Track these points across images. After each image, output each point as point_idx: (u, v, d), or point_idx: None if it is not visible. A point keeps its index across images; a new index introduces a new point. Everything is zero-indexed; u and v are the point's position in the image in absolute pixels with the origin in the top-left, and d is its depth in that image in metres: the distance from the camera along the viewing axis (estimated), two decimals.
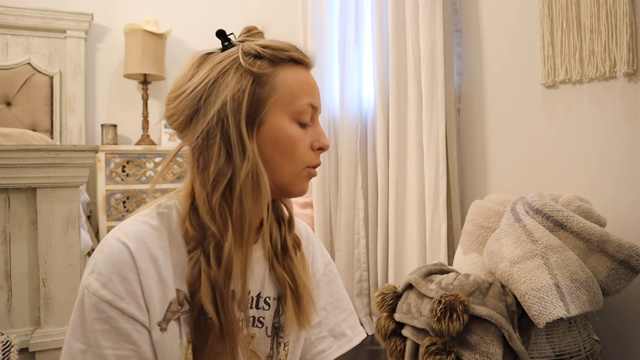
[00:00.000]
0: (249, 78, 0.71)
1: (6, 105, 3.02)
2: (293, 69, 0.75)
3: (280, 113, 0.73)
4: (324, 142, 0.77)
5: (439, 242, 2.08)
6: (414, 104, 2.20)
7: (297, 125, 0.74)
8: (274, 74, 0.73)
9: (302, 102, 0.74)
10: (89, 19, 3.19)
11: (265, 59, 0.73)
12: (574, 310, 1.26)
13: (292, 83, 0.74)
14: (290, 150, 0.73)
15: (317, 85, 0.78)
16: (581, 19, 1.68)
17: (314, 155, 0.77)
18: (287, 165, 0.74)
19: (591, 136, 1.70)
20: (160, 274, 0.68)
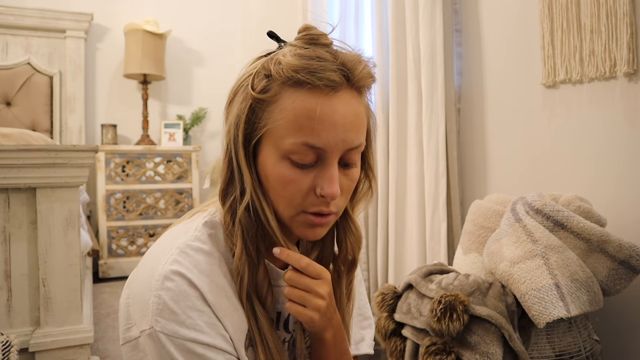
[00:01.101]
0: (249, 102, 0.63)
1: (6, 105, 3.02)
2: (299, 96, 0.61)
3: (272, 147, 0.63)
4: (327, 190, 0.62)
5: (439, 242, 2.08)
6: (414, 104, 2.20)
7: (291, 164, 0.62)
8: (275, 99, 0.62)
9: (292, 140, 0.61)
10: (88, 18, 3.19)
11: (274, 80, 0.62)
12: (574, 310, 1.26)
13: (288, 114, 0.61)
14: (278, 190, 0.64)
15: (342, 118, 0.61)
16: (581, 18, 1.68)
17: (315, 201, 0.63)
18: (279, 203, 0.65)
19: (591, 136, 1.70)
20: (232, 303, 0.65)
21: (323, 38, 0.65)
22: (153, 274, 0.61)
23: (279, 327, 0.75)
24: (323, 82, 0.60)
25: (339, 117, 0.61)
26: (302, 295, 0.66)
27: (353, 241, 0.74)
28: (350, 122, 0.62)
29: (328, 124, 0.60)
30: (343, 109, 0.61)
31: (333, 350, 0.71)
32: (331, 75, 0.61)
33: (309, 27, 0.67)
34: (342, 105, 0.61)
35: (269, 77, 0.63)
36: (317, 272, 0.67)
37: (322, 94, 0.60)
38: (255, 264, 0.66)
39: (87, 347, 1.37)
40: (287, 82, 0.61)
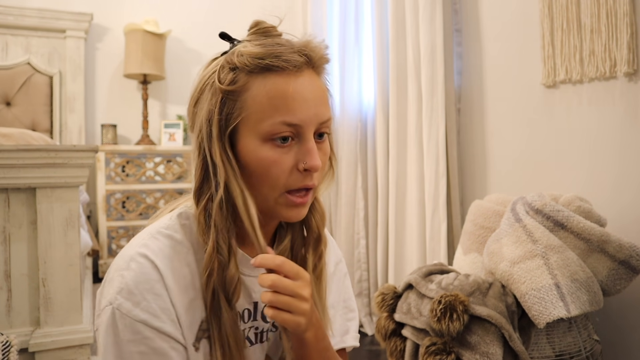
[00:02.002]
0: (219, 96, 0.66)
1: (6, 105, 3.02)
2: (268, 80, 0.65)
3: (250, 134, 0.65)
4: (310, 163, 0.66)
5: (439, 242, 2.08)
6: (414, 104, 2.20)
7: (272, 146, 0.65)
8: (245, 89, 0.65)
9: (271, 121, 0.64)
10: (88, 18, 3.19)
11: (240, 70, 0.65)
12: (574, 310, 1.26)
13: (262, 99, 0.64)
14: (262, 174, 0.66)
15: (308, 95, 0.66)
16: (581, 18, 1.68)
17: (299, 177, 0.66)
18: (263, 189, 0.67)
19: (591, 136, 1.70)
20: (189, 292, 0.67)
21: (274, 30, 0.70)
22: (123, 256, 0.66)
23: (256, 318, 0.75)
24: (289, 63, 0.65)
25: (308, 94, 0.66)
26: (287, 301, 0.64)
27: (318, 218, 0.76)
28: (319, 97, 0.67)
29: (301, 100, 0.65)
30: (309, 86, 0.66)
31: (315, 349, 0.71)
32: (294, 57, 0.65)
33: (260, 22, 0.71)
34: (308, 83, 0.66)
35: (234, 69, 0.66)
36: (294, 271, 0.65)
37: (290, 75, 0.65)
38: (225, 261, 0.67)
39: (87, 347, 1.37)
40: (255, 70, 0.65)
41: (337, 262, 0.87)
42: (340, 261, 0.88)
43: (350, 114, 2.55)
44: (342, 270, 0.87)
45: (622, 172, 1.61)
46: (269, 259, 0.65)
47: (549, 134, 1.83)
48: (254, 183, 0.67)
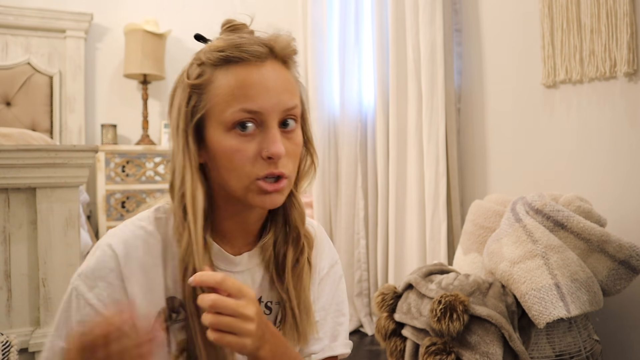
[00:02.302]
0: (187, 91, 0.69)
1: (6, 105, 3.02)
2: (229, 71, 0.67)
3: (215, 124, 0.67)
4: (272, 150, 0.66)
5: (439, 242, 2.08)
6: (414, 104, 2.20)
7: (235, 135, 0.67)
8: (209, 81, 0.68)
9: (232, 109, 0.66)
10: (88, 18, 3.19)
11: (206, 65, 0.68)
12: (574, 310, 1.26)
13: (224, 89, 0.67)
14: (228, 164, 0.67)
15: (267, 83, 0.67)
16: (581, 18, 1.68)
17: (264, 165, 0.67)
18: (232, 179, 0.68)
19: (591, 136, 1.70)
20: (148, 283, 0.69)
21: (244, 27, 0.73)
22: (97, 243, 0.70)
23: None
24: (250, 54, 0.67)
25: (269, 82, 0.67)
26: (230, 322, 0.61)
27: (297, 216, 0.76)
28: (281, 85, 0.68)
29: (261, 88, 0.66)
30: (272, 75, 0.68)
31: None
32: (256, 48, 0.67)
33: (230, 20, 0.74)
34: (270, 73, 0.68)
35: (201, 64, 0.69)
36: (236, 288, 0.62)
37: (251, 65, 0.67)
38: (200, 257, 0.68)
39: None
40: (218, 64, 0.67)
41: (332, 264, 0.86)
42: (336, 263, 0.87)
43: (350, 114, 2.55)
44: (337, 273, 0.86)
45: (622, 172, 1.61)
46: (207, 276, 0.62)
47: (549, 134, 1.83)
48: (224, 175, 0.69)
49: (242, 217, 0.74)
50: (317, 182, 2.63)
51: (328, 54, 2.66)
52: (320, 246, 0.84)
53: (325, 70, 2.66)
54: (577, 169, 1.74)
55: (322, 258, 0.84)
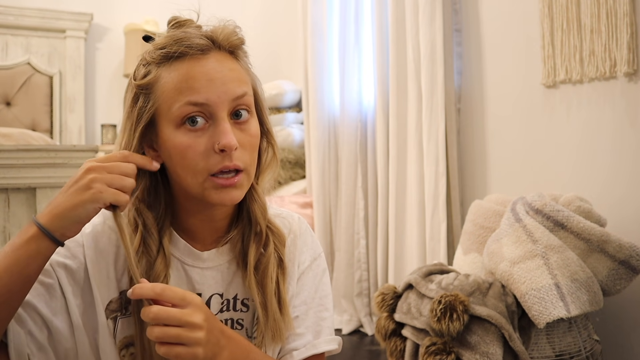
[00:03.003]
0: (133, 91, 0.68)
1: (6, 105, 3.02)
2: (173, 67, 0.66)
3: (164, 122, 0.67)
4: (223, 142, 0.64)
5: (439, 242, 2.08)
6: (414, 104, 2.20)
7: (185, 131, 0.66)
8: (155, 80, 0.67)
9: (178, 105, 0.65)
10: (88, 18, 3.19)
11: (150, 64, 0.68)
12: (574, 310, 1.26)
13: (168, 85, 0.66)
14: (181, 160, 0.66)
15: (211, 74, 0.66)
16: (581, 18, 1.68)
17: (217, 159, 0.66)
18: (187, 177, 0.67)
19: (591, 136, 1.70)
20: (108, 270, 0.70)
21: (189, 22, 0.72)
22: None
23: None
24: (190, 47, 0.66)
25: (213, 73, 0.66)
26: (177, 333, 0.58)
27: (257, 210, 0.75)
28: (227, 75, 0.67)
29: (204, 80, 0.65)
30: (216, 65, 0.66)
31: None
32: (197, 40, 0.66)
33: (175, 17, 0.73)
34: (214, 64, 0.66)
35: (146, 64, 0.68)
36: (179, 297, 0.60)
37: (193, 59, 0.66)
38: (152, 261, 0.69)
39: None
40: (161, 61, 0.67)
41: (314, 258, 0.82)
42: (319, 257, 0.83)
43: (350, 114, 2.55)
44: (320, 266, 0.82)
45: (622, 171, 1.61)
46: (146, 288, 0.60)
47: (549, 134, 1.83)
48: (179, 173, 0.68)
49: (207, 215, 0.73)
50: (317, 182, 2.63)
51: (328, 54, 2.66)
52: (300, 239, 0.82)
53: (325, 70, 2.66)
54: (577, 169, 1.74)
55: (303, 252, 0.81)
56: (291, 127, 2.92)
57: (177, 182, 0.70)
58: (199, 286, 0.74)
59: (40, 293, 0.67)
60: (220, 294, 0.75)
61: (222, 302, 0.76)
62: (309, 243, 0.83)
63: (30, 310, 0.66)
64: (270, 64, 3.20)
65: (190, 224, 0.74)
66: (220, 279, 0.76)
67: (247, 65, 0.73)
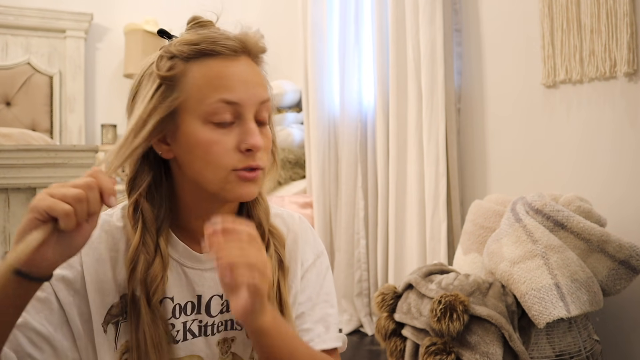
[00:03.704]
0: (157, 83, 0.68)
1: (6, 105, 3.02)
2: (204, 64, 0.67)
3: (191, 116, 0.67)
4: (251, 142, 0.67)
5: (439, 242, 2.08)
6: (414, 104, 2.20)
7: (212, 127, 0.67)
8: (182, 74, 0.67)
9: (210, 100, 0.66)
10: (88, 19, 3.19)
11: (178, 58, 0.68)
12: (574, 310, 1.26)
13: (200, 81, 0.67)
14: (205, 156, 0.67)
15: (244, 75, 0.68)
16: (581, 18, 1.68)
17: (242, 158, 0.67)
18: (208, 172, 0.67)
19: (591, 136, 1.70)
20: (106, 275, 0.69)
21: (210, 24, 0.73)
22: None
23: (200, 311, 0.74)
24: (225, 48, 0.68)
25: (246, 75, 0.68)
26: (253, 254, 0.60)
27: (261, 212, 0.76)
28: (256, 79, 0.70)
29: (238, 80, 0.67)
30: (247, 68, 0.69)
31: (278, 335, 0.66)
32: (230, 42, 0.68)
33: (197, 17, 0.74)
34: (245, 66, 0.69)
35: (172, 57, 0.68)
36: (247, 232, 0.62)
37: (226, 59, 0.68)
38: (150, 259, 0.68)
39: None
40: (192, 56, 0.67)
41: (318, 255, 0.83)
42: (322, 254, 0.84)
43: (350, 114, 2.55)
44: (323, 264, 0.83)
45: (622, 171, 1.62)
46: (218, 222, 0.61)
47: (549, 134, 1.83)
48: (198, 167, 0.68)
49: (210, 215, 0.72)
50: (317, 182, 2.63)
51: (328, 54, 2.66)
52: (301, 238, 0.82)
53: (325, 70, 2.66)
54: (577, 169, 1.74)
55: (305, 250, 0.82)
56: (291, 127, 2.92)
57: (190, 177, 0.70)
58: (198, 288, 0.74)
59: (38, 310, 0.66)
60: (220, 295, 0.75)
61: (222, 304, 0.76)
62: (310, 241, 0.83)
63: (27, 330, 0.65)
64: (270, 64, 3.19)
65: (191, 225, 0.74)
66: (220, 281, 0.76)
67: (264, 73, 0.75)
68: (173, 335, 0.72)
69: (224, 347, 0.76)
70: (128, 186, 0.72)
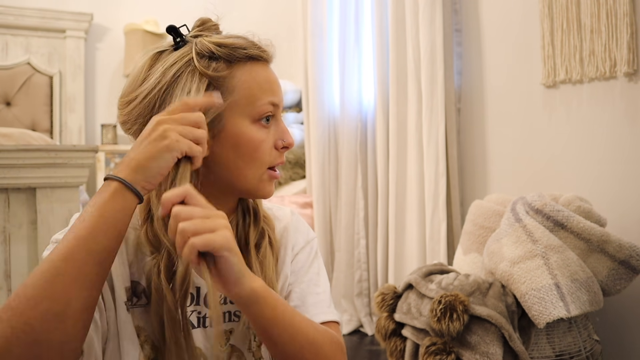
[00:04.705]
0: (205, 82, 0.69)
1: (6, 105, 3.02)
2: (251, 67, 0.72)
3: (240, 116, 0.70)
4: (288, 140, 0.75)
5: (439, 242, 2.08)
6: (414, 104, 2.20)
7: (260, 127, 0.72)
8: (230, 76, 0.70)
9: (262, 102, 0.71)
10: (88, 18, 3.19)
11: (220, 60, 0.70)
12: (574, 310, 1.26)
13: (251, 83, 0.71)
14: (252, 153, 0.71)
15: (277, 80, 0.76)
16: (581, 18, 1.68)
17: (277, 155, 0.74)
18: (250, 169, 0.71)
19: (591, 136, 1.70)
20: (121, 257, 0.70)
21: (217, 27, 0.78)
22: None
23: (199, 303, 0.75)
24: (266, 54, 0.74)
25: (277, 80, 0.76)
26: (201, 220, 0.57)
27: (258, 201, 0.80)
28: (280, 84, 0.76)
29: (276, 85, 0.75)
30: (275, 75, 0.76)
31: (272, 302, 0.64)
32: (267, 50, 0.75)
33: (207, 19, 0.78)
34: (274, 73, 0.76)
35: (216, 59, 0.70)
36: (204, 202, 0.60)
37: (265, 64, 0.74)
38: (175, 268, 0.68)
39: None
40: (237, 59, 0.71)
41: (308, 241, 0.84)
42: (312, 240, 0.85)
43: (350, 114, 2.55)
44: (313, 248, 0.84)
45: (622, 172, 1.62)
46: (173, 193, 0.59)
47: (549, 134, 1.83)
48: (239, 164, 0.71)
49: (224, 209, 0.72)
50: (317, 182, 2.63)
51: (328, 54, 2.66)
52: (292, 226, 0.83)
53: (325, 70, 2.66)
54: (577, 169, 1.74)
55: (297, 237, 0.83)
56: (291, 127, 2.92)
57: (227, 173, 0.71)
58: (197, 279, 0.75)
59: None
60: None
61: (220, 296, 0.76)
62: (301, 229, 0.85)
63: None
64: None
65: None
66: None
67: None
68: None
69: (222, 339, 0.76)
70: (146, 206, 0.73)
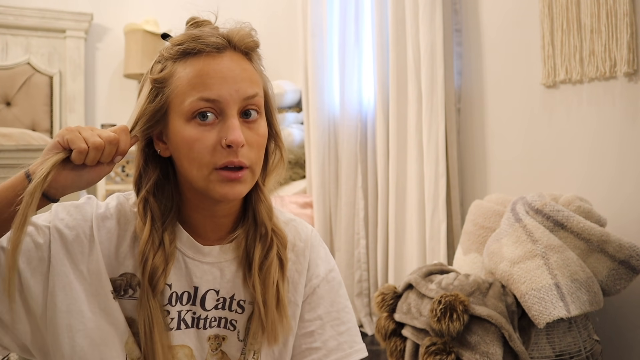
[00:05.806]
0: (150, 87, 0.71)
1: (6, 105, 3.02)
2: (189, 63, 0.69)
3: (176, 115, 0.69)
4: (230, 137, 0.66)
5: (439, 242, 2.08)
6: (414, 104, 2.20)
7: (195, 125, 0.68)
8: (170, 74, 0.70)
9: (190, 99, 0.67)
10: (88, 18, 3.19)
11: (167, 60, 0.71)
12: (574, 310, 1.26)
13: (182, 80, 0.68)
14: (188, 153, 0.68)
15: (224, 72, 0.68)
16: (581, 18, 1.68)
17: (224, 154, 0.67)
18: (193, 170, 0.69)
19: (591, 136, 1.70)
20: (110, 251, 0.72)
21: (207, 22, 0.75)
22: None
23: (195, 303, 0.75)
24: (206, 45, 0.68)
25: (227, 71, 0.68)
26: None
27: (263, 210, 0.76)
28: (239, 74, 0.69)
29: (218, 77, 0.68)
30: (230, 64, 0.69)
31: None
32: (213, 39, 0.69)
33: (194, 17, 0.76)
34: (228, 62, 0.69)
35: (162, 61, 0.71)
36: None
37: (209, 57, 0.68)
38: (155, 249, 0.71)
39: None
40: (177, 57, 0.70)
41: (329, 270, 0.83)
42: (333, 269, 0.84)
43: (350, 114, 2.55)
44: (335, 279, 0.83)
45: (622, 172, 1.61)
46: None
47: (549, 134, 1.83)
48: (185, 165, 0.70)
49: (210, 211, 0.74)
50: (317, 182, 2.63)
51: (328, 54, 2.66)
52: (313, 252, 0.82)
53: (325, 70, 2.66)
54: (577, 169, 1.74)
55: (317, 264, 0.82)
56: (291, 127, 2.92)
57: (183, 174, 0.72)
58: (196, 279, 0.75)
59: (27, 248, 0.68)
60: (217, 291, 0.76)
61: (217, 299, 0.76)
62: (322, 256, 0.84)
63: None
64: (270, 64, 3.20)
65: (193, 219, 0.75)
66: (219, 275, 0.76)
67: (260, 67, 0.75)
68: (167, 322, 0.73)
69: (214, 344, 0.76)
70: (136, 184, 0.74)
